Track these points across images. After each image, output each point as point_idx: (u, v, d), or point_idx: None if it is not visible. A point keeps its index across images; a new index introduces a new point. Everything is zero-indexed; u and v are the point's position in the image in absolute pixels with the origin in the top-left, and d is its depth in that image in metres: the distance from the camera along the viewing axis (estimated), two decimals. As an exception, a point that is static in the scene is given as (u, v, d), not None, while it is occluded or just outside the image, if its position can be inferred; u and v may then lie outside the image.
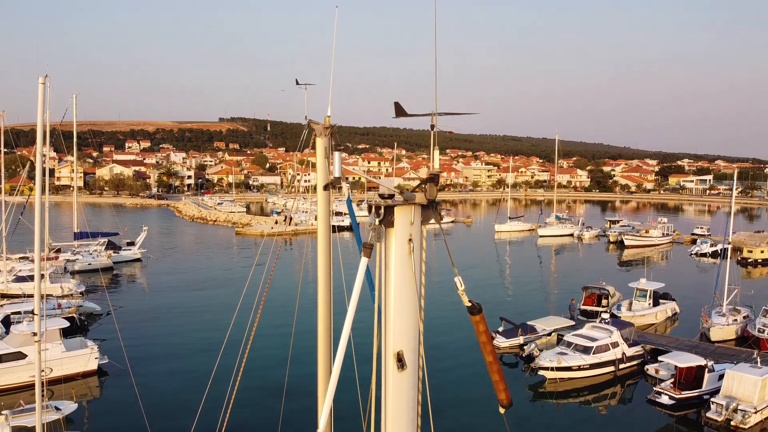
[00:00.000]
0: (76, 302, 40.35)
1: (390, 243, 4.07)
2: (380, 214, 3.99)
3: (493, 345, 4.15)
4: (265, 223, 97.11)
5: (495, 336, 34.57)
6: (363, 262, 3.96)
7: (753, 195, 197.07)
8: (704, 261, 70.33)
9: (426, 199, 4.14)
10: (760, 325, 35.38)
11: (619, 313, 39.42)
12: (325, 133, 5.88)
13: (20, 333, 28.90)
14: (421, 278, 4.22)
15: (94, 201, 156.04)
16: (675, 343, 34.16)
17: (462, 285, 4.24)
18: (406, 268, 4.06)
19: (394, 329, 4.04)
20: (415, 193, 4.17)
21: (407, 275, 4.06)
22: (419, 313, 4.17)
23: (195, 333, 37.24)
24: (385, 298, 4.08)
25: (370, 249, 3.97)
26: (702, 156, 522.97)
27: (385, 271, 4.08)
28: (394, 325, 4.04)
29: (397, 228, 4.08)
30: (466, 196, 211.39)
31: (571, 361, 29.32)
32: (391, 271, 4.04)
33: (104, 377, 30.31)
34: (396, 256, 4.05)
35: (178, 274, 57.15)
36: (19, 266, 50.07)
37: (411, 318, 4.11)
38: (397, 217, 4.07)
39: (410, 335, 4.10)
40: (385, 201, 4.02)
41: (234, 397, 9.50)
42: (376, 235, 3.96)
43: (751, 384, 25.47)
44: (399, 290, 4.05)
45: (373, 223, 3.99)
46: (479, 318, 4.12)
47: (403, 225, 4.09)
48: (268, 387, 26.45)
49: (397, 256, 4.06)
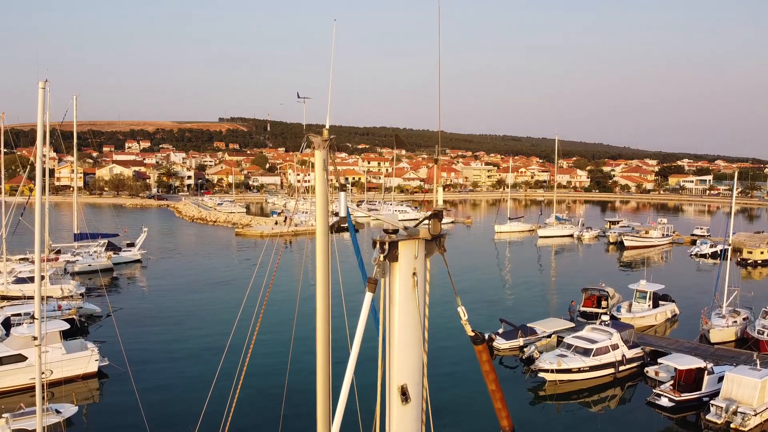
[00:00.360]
0: (76, 304, 40.36)
1: (394, 277, 4.09)
2: (385, 250, 3.99)
3: (495, 374, 4.18)
4: (265, 224, 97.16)
5: (495, 338, 34.60)
6: (368, 297, 3.98)
7: (753, 195, 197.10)
8: (704, 262, 70.36)
9: (430, 234, 4.16)
10: (760, 327, 35.41)
11: (619, 315, 39.43)
12: (323, 146, 5.90)
13: (20, 335, 28.89)
14: (425, 311, 4.24)
15: (93, 201, 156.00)
16: (675, 344, 34.18)
17: (465, 315, 4.27)
18: (411, 302, 4.08)
19: (399, 363, 4.05)
20: (419, 228, 4.19)
21: (411, 309, 4.07)
22: (423, 346, 4.18)
23: (195, 335, 37.26)
24: (389, 331, 4.10)
25: (375, 284, 3.99)
26: (702, 156, 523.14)
27: (390, 305, 4.10)
28: (399, 358, 4.05)
29: (402, 262, 4.10)
30: (466, 196, 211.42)
31: (571, 363, 29.34)
32: (396, 305, 4.05)
33: (104, 379, 30.32)
34: (400, 290, 4.08)
35: (178, 275, 57.17)
36: (19, 267, 50.07)
37: (415, 351, 4.12)
38: (401, 252, 4.09)
39: (414, 369, 4.12)
40: (390, 236, 4.04)
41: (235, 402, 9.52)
42: (381, 270, 3.98)
43: (751, 386, 25.50)
44: (403, 324, 4.06)
45: (378, 258, 4.01)
46: (482, 348, 4.14)
47: (407, 259, 4.11)
48: (268, 392, 26.43)
49: (402, 290, 4.08)
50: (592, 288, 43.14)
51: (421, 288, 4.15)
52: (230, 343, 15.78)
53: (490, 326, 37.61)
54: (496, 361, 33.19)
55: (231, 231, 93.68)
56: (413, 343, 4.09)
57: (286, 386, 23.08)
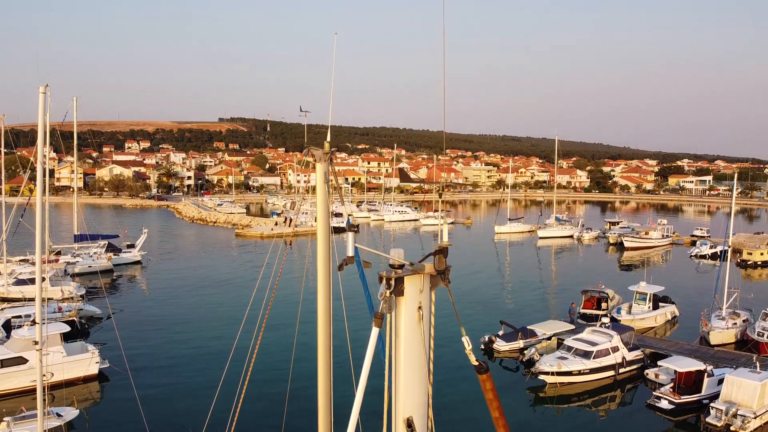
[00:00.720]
0: (76, 305, 40.37)
1: (400, 311, 4.14)
2: (391, 285, 4.05)
3: (499, 401, 4.23)
4: (265, 225, 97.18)
5: (495, 340, 34.62)
6: (374, 332, 4.02)
7: (752, 195, 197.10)
8: (704, 263, 70.39)
9: (435, 270, 4.22)
10: (760, 329, 35.44)
11: (619, 317, 39.46)
12: (324, 159, 5.94)
13: (21, 338, 28.92)
14: (431, 343, 4.27)
15: (93, 202, 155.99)
16: (675, 347, 34.21)
17: (469, 345, 4.30)
18: (416, 335, 4.12)
19: (404, 395, 4.09)
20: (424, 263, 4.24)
21: (417, 343, 4.11)
22: (429, 378, 4.22)
23: (196, 337, 37.28)
24: (395, 364, 4.13)
25: (381, 319, 4.05)
26: (701, 156, 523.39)
27: (396, 339, 4.13)
28: (404, 391, 4.09)
29: (407, 297, 4.17)
30: (466, 196, 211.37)
31: (571, 365, 29.36)
32: (402, 338, 4.09)
33: (105, 382, 30.35)
34: (406, 324, 4.13)
35: (179, 276, 57.17)
36: (19, 269, 50.03)
37: (421, 384, 4.16)
38: (407, 287, 4.16)
39: (420, 401, 4.16)
40: (396, 272, 4.08)
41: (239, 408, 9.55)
42: (387, 306, 4.02)
43: (751, 389, 25.52)
44: (409, 358, 4.10)
45: (384, 294, 4.05)
46: (486, 377, 4.19)
47: (412, 294, 4.18)
48: (270, 397, 26.43)
49: (407, 324, 4.14)
50: (592, 290, 43.16)
51: (426, 321, 4.19)
52: (233, 346, 15.81)
53: (490, 328, 37.64)
54: (496, 363, 33.24)
55: (231, 232, 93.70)
56: (419, 376, 4.13)
57: (288, 393, 23.14)
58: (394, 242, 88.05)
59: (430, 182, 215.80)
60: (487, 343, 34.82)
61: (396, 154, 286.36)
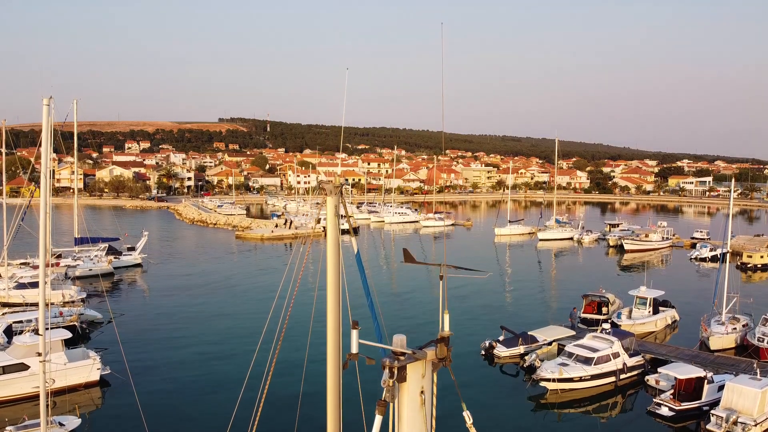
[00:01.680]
0: (77, 310, 40.41)
1: (403, 397, 4.22)
2: (394, 374, 4.15)
3: None
4: (265, 227, 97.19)
5: (495, 345, 34.67)
6: (377, 420, 4.08)
7: (753, 197, 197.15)
8: (704, 266, 70.49)
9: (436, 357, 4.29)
10: (760, 334, 35.48)
11: (620, 322, 39.52)
12: (335, 192, 6.01)
13: (23, 344, 28.98)
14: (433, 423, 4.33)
15: (93, 203, 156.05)
16: (675, 352, 34.27)
17: (470, 419, 4.37)
18: (419, 418, 4.19)
19: None
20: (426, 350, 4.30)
21: (419, 425, 4.17)
22: None
23: (196, 342, 37.32)
24: None
25: (384, 407, 4.12)
26: (701, 156, 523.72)
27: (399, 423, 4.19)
28: None
29: (410, 382, 4.25)
30: (466, 197, 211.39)
31: (572, 372, 29.42)
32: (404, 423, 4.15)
33: (106, 388, 30.39)
34: (408, 408, 4.22)
35: (179, 280, 57.21)
36: (20, 273, 50.04)
37: None
38: (410, 373, 4.24)
39: None
40: (398, 359, 4.15)
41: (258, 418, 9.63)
42: (390, 394, 4.08)
43: (751, 396, 25.58)
44: None
45: (387, 381, 4.11)
46: None
47: (415, 380, 4.27)
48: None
49: (410, 409, 4.22)
50: (593, 294, 43.21)
51: (428, 403, 4.26)
52: (250, 363, 15.83)
53: (490, 333, 37.71)
54: (496, 369, 33.28)
55: (231, 234, 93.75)
56: None
57: (300, 405, 23.19)
58: (394, 244, 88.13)
59: (429, 184, 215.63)
60: (487, 348, 34.86)
61: (396, 154, 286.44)
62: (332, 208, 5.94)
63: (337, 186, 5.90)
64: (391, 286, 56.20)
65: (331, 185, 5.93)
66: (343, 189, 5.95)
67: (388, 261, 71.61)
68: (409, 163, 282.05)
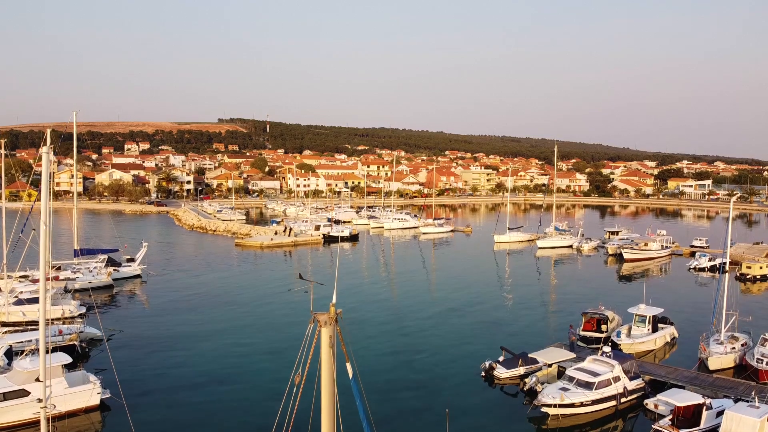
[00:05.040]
0: (77, 328, 40.34)
1: None
2: None
3: None
4: (264, 234, 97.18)
5: (496, 366, 34.71)
6: None
7: (752, 200, 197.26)
8: (702, 276, 70.57)
9: None
10: (759, 355, 35.50)
11: (619, 340, 39.59)
12: (329, 322, 6.05)
13: (23, 370, 28.98)
14: None
15: (93, 207, 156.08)
16: (674, 373, 34.32)
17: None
18: None
19: None
20: None
21: None
22: None
23: (197, 362, 37.27)
24: None
25: None
26: (701, 157, 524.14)
27: None
28: None
29: None
30: (465, 200, 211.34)
31: (574, 397, 29.45)
32: None
33: (106, 412, 30.39)
34: None
35: (179, 293, 57.15)
36: (20, 287, 49.92)
37: None
38: None
39: None
40: None
41: None
42: None
43: (750, 425, 25.63)
44: None
45: None
46: None
47: None
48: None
49: None
50: (593, 312, 43.27)
51: None
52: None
53: (490, 353, 37.77)
54: (497, 391, 33.32)
55: (230, 241, 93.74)
56: None
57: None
58: (394, 252, 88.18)
59: (429, 187, 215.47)
60: (487, 369, 34.90)
61: (395, 155, 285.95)
62: (327, 339, 5.99)
63: (331, 316, 5.94)
64: (391, 296, 56.21)
65: (325, 316, 5.98)
66: (337, 317, 5.99)
67: (388, 269, 71.61)
68: (408, 165, 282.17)
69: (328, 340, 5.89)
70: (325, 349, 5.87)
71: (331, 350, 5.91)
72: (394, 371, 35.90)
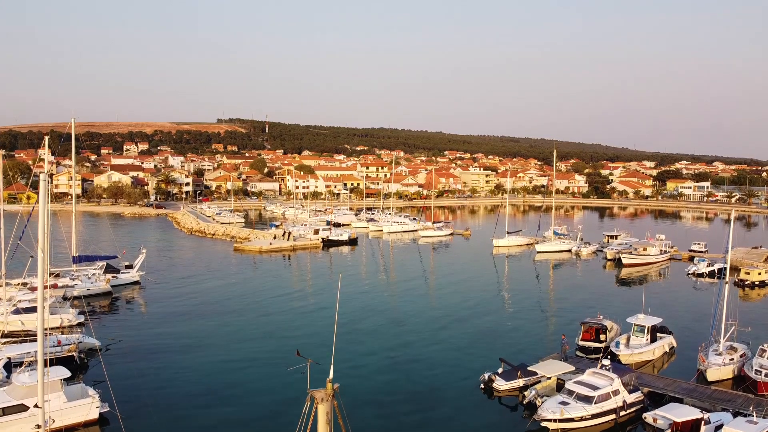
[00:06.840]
0: (75, 338, 40.22)
1: None
2: None
3: None
4: (263, 238, 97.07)
5: (495, 378, 34.70)
6: None
7: (750, 202, 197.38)
8: (701, 281, 70.59)
9: None
10: (757, 367, 35.51)
11: (618, 351, 39.60)
12: (327, 399, 6.03)
13: (22, 385, 28.93)
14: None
15: (92, 209, 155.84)
16: (673, 385, 34.32)
17: None
18: None
19: None
20: None
21: None
22: None
23: (197, 372, 37.24)
24: None
25: None
26: (699, 157, 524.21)
27: None
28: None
29: None
30: (464, 202, 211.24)
31: (573, 412, 29.44)
32: None
33: (105, 426, 30.34)
34: None
35: (177, 300, 57.03)
36: (18, 295, 49.83)
37: None
38: None
39: None
40: None
41: None
42: None
43: (748, 442, 25.67)
44: None
45: None
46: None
47: None
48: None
49: None
50: (591, 321, 43.28)
51: None
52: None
53: (489, 364, 37.76)
54: (495, 404, 33.31)
55: (229, 245, 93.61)
56: None
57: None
58: (393, 256, 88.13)
59: (428, 189, 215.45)
60: (486, 381, 34.91)
61: (394, 156, 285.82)
62: (323, 415, 5.98)
63: (328, 392, 5.93)
64: (390, 304, 56.17)
65: (322, 392, 5.97)
66: (334, 392, 5.99)
67: (387, 275, 71.58)
68: (407, 166, 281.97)
69: (324, 417, 5.89)
70: (322, 426, 5.87)
71: (328, 427, 5.90)
72: (393, 383, 35.89)
